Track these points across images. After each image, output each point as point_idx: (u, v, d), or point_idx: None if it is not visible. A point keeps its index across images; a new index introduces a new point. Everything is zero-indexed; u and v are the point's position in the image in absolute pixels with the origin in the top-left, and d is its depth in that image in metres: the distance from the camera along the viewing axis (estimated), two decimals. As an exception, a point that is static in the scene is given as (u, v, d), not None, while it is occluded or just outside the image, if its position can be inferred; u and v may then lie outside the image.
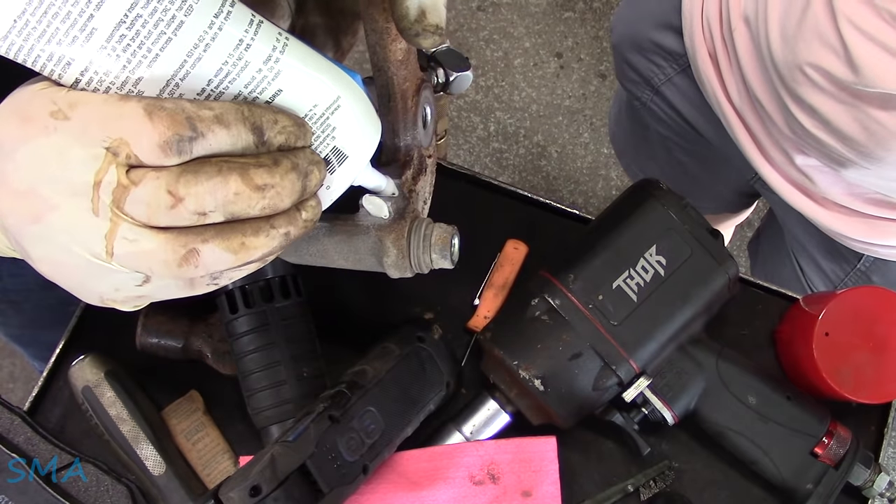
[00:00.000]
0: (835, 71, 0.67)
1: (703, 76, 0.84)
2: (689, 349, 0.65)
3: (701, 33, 0.83)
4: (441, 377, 0.65)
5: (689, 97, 0.91)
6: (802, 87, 0.71)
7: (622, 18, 0.99)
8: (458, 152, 1.89)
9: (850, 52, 0.65)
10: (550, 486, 0.65)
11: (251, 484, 0.52)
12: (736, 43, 0.78)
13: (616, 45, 0.99)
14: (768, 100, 0.77)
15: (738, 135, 0.83)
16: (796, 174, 0.80)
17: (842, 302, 0.67)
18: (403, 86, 0.44)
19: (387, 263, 0.48)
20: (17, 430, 0.62)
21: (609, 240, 0.64)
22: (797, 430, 0.64)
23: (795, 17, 0.70)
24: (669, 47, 0.89)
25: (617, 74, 1.03)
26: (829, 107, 0.70)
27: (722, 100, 0.83)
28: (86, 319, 0.72)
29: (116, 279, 0.35)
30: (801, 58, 0.69)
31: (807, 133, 0.74)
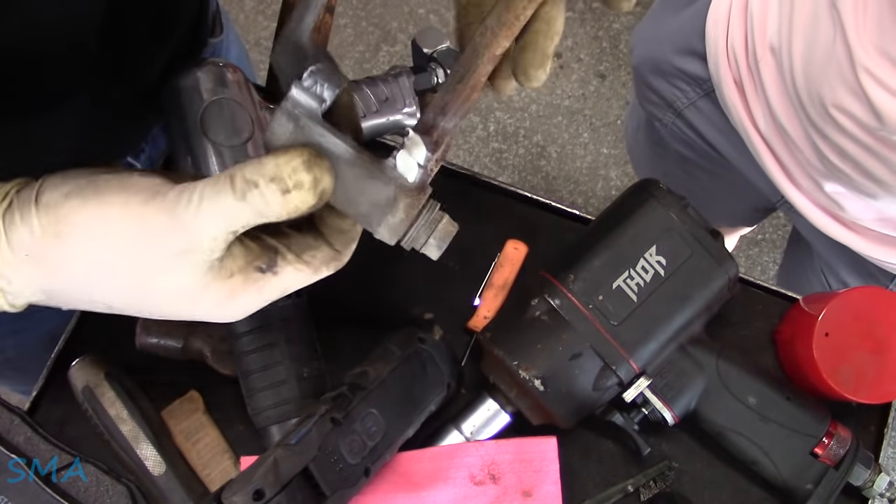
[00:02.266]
0: (859, 115, 0.66)
1: (729, 103, 0.83)
2: (689, 349, 0.65)
3: (726, 61, 0.82)
4: (442, 378, 0.65)
5: (713, 121, 0.89)
6: (829, 127, 0.70)
7: (642, 39, 0.97)
8: (457, 152, 1.89)
9: (872, 102, 0.64)
10: (551, 486, 0.65)
11: (254, 488, 0.52)
12: (762, 73, 0.77)
13: (636, 67, 0.97)
14: (795, 131, 0.76)
15: (764, 161, 0.82)
16: (825, 200, 0.79)
17: (842, 302, 0.67)
18: (481, 78, 0.44)
19: (388, 221, 0.47)
20: (17, 430, 0.62)
21: (609, 240, 0.64)
22: (797, 431, 0.64)
23: (819, 57, 0.68)
24: (693, 72, 0.88)
25: (636, 95, 1.01)
26: (855, 147, 0.69)
27: (748, 126, 0.82)
28: (86, 319, 0.71)
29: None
30: (826, 98, 0.68)
31: (835, 167, 0.73)
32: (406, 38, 1.95)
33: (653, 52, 0.93)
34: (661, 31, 0.94)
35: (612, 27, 1.99)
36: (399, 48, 1.96)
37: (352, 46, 1.95)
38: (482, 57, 0.43)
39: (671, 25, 0.92)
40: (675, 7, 0.92)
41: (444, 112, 0.46)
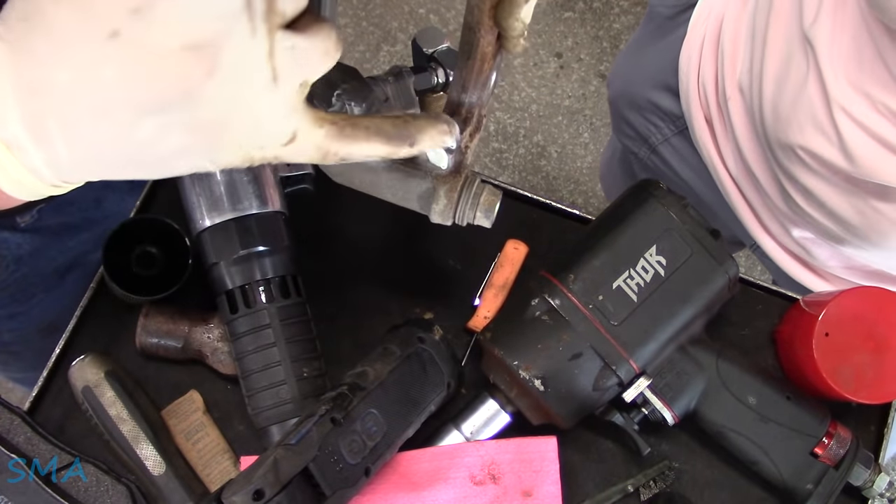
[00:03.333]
0: (829, 157, 0.66)
1: (700, 141, 0.82)
2: (690, 349, 0.65)
3: (697, 98, 0.81)
4: (442, 378, 0.65)
5: (687, 159, 0.89)
6: (796, 168, 0.69)
7: (619, 74, 0.97)
8: (457, 152, 1.89)
9: (845, 142, 0.64)
10: (551, 486, 0.65)
11: (254, 488, 0.52)
12: (731, 111, 0.76)
13: (612, 101, 0.97)
14: (763, 172, 0.75)
15: (734, 203, 0.82)
16: (794, 246, 0.79)
17: (842, 302, 0.67)
18: (486, 49, 0.46)
19: (434, 209, 0.52)
20: (17, 430, 0.62)
21: (609, 240, 0.64)
22: (797, 430, 0.64)
23: (789, 97, 0.68)
24: (667, 108, 0.87)
25: (613, 128, 1.01)
26: (823, 190, 0.69)
27: (718, 166, 0.81)
28: (86, 319, 0.72)
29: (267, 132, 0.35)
30: (793, 139, 0.68)
31: (802, 211, 0.72)
32: (406, 38, 1.96)
33: (629, 85, 0.93)
34: (637, 65, 0.94)
35: (613, 27, 1.99)
36: (399, 48, 1.96)
37: (352, 46, 1.95)
38: (479, 30, 0.45)
39: (646, 60, 0.91)
40: (651, 40, 0.92)
41: (464, 89, 0.49)
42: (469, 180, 0.52)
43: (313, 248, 0.74)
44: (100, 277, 0.72)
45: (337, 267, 0.74)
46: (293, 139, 0.36)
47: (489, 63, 0.47)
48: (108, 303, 0.72)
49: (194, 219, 0.65)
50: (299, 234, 0.68)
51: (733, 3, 0.77)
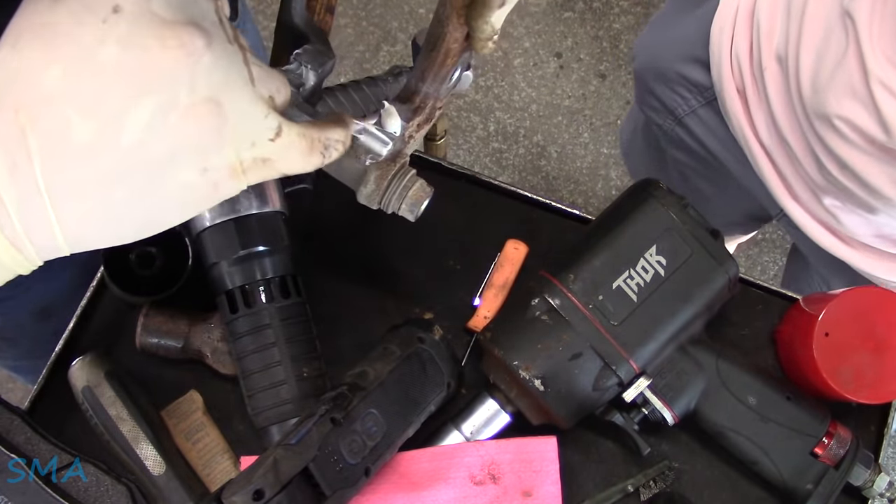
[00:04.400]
0: (865, 127, 0.66)
1: (731, 112, 0.83)
2: (690, 349, 0.65)
3: (729, 69, 0.82)
4: (442, 378, 0.65)
5: (714, 130, 0.89)
6: (831, 137, 0.70)
7: (645, 45, 0.97)
8: (457, 152, 1.89)
9: (882, 114, 0.65)
10: (551, 486, 0.65)
11: (254, 488, 0.52)
12: (766, 82, 0.77)
13: (638, 73, 0.97)
14: (797, 142, 0.76)
15: (764, 172, 0.82)
16: (823, 214, 0.79)
17: (842, 302, 0.67)
18: (451, 45, 0.46)
19: (362, 192, 0.52)
20: (17, 430, 0.62)
21: (609, 240, 0.64)
22: (797, 430, 0.64)
23: (828, 68, 0.69)
24: (695, 80, 0.88)
25: (637, 100, 1.01)
26: (858, 159, 0.69)
27: (749, 136, 0.82)
28: (86, 319, 0.72)
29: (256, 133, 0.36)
30: (831, 109, 0.69)
31: (835, 180, 0.73)
32: (406, 38, 1.95)
33: (656, 58, 0.93)
34: (664, 38, 0.94)
35: (613, 27, 1.99)
36: (399, 48, 1.96)
37: (352, 46, 1.95)
38: (447, 25, 0.45)
39: (675, 32, 0.92)
40: (679, 13, 0.92)
41: (423, 78, 0.49)
42: (402, 171, 0.52)
43: (313, 248, 0.74)
44: (100, 277, 0.72)
45: (337, 267, 0.74)
46: (279, 132, 0.36)
47: (452, 59, 0.47)
48: (108, 303, 0.72)
49: (194, 218, 0.65)
50: (299, 234, 0.68)
51: None
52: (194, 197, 0.36)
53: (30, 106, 0.31)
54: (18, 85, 0.32)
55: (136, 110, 0.32)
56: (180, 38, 0.32)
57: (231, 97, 0.34)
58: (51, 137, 0.32)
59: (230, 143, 0.35)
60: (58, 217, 0.33)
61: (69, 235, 0.34)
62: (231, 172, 0.36)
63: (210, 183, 0.35)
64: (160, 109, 0.33)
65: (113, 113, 0.32)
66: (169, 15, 0.32)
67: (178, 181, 0.35)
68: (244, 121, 0.35)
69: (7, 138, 0.32)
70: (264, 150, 0.36)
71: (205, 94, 0.33)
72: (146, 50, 0.32)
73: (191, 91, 0.33)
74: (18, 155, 0.32)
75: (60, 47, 0.31)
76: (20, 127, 0.31)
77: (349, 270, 0.75)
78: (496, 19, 0.43)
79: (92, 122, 0.32)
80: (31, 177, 0.32)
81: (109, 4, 0.31)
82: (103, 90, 0.32)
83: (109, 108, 0.32)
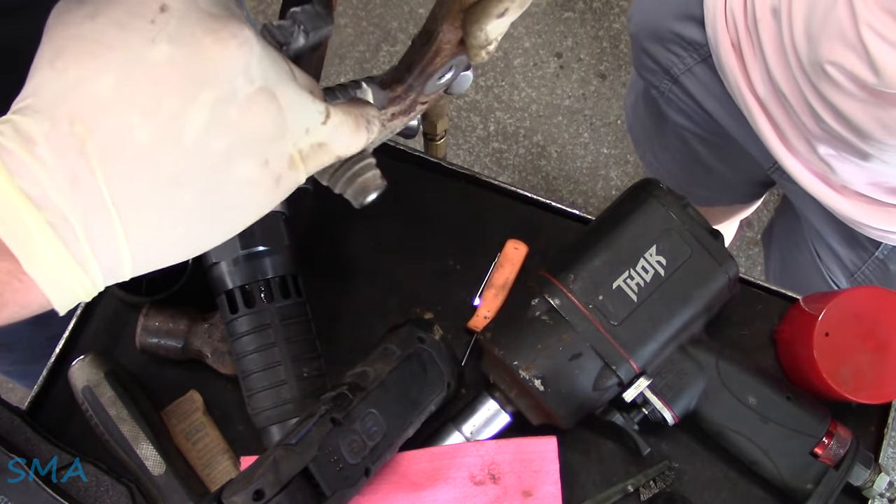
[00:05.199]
0: (857, 71, 0.67)
1: (726, 66, 0.84)
2: (690, 349, 0.65)
3: (724, 24, 0.82)
4: (442, 378, 0.65)
5: (709, 87, 0.90)
6: (824, 85, 0.71)
7: (641, 8, 0.98)
8: (457, 152, 1.89)
9: (871, 56, 0.65)
10: (551, 486, 0.65)
11: (254, 488, 0.52)
12: (761, 35, 0.78)
13: (634, 35, 0.98)
14: (792, 92, 0.77)
15: (759, 124, 0.83)
16: (817, 163, 0.80)
17: (842, 302, 0.67)
18: (444, 45, 0.45)
19: None
20: (17, 430, 0.62)
21: (609, 240, 0.64)
22: (797, 430, 0.64)
23: (819, 15, 0.70)
24: (690, 37, 0.89)
25: (634, 64, 1.02)
26: (850, 105, 0.70)
27: (745, 90, 0.83)
28: (86, 319, 0.72)
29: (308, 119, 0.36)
30: (823, 56, 0.69)
31: (830, 128, 0.74)
32: (406, 38, 1.95)
33: (651, 19, 0.94)
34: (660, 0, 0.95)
35: (613, 27, 1.99)
36: (399, 48, 1.96)
37: (352, 46, 1.95)
38: (442, 24, 0.44)
39: None
40: None
41: (409, 69, 0.47)
42: (359, 156, 0.49)
43: (313, 248, 0.74)
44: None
45: (337, 267, 0.74)
46: (328, 114, 0.37)
47: (442, 59, 0.46)
48: (108, 303, 0.72)
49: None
50: (299, 234, 0.68)
51: None
52: (257, 194, 0.35)
53: (85, 116, 0.30)
54: (71, 98, 0.30)
55: (196, 106, 0.31)
56: (231, 30, 0.32)
57: (282, 87, 0.34)
58: (111, 145, 0.30)
59: (288, 131, 0.35)
60: (125, 231, 0.31)
61: (136, 249, 0.32)
62: (290, 162, 0.35)
63: (272, 176, 0.35)
64: (220, 103, 0.32)
65: (173, 112, 0.31)
66: (215, 9, 0.32)
67: (241, 177, 0.34)
68: (296, 108, 0.35)
69: (65, 151, 0.30)
70: (319, 134, 0.36)
71: (260, 84, 0.33)
72: (199, 44, 0.31)
73: (247, 82, 0.33)
74: (79, 167, 0.30)
75: (109, 55, 0.31)
76: (78, 138, 0.30)
77: (349, 270, 0.75)
78: (492, 29, 0.41)
79: (152, 124, 0.31)
80: (95, 188, 0.30)
81: (156, 4, 0.31)
82: (160, 90, 0.31)
83: (168, 107, 0.31)
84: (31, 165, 0.29)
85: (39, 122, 0.30)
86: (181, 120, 0.31)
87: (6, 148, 0.29)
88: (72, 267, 0.31)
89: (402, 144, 0.79)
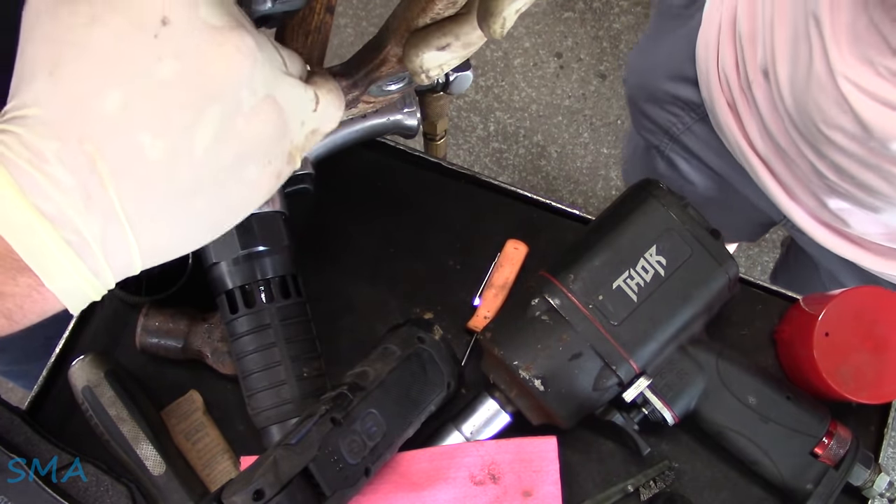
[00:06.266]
0: (847, 127, 0.66)
1: (724, 126, 0.83)
2: (690, 349, 0.65)
3: (718, 84, 0.82)
4: (442, 378, 0.65)
5: (710, 144, 0.89)
6: (822, 144, 0.70)
7: (634, 70, 0.97)
8: (457, 152, 1.89)
9: (854, 110, 0.64)
10: (551, 486, 0.65)
11: (254, 488, 0.52)
12: (755, 94, 0.77)
13: (630, 97, 0.97)
14: (792, 150, 0.75)
15: (764, 181, 0.82)
16: (829, 216, 0.79)
17: (842, 302, 0.67)
18: (390, 57, 0.45)
19: None
20: (17, 430, 0.62)
21: (609, 240, 0.64)
22: (797, 430, 0.64)
23: (801, 73, 0.68)
24: (686, 98, 0.88)
25: (633, 124, 1.01)
26: (850, 163, 0.69)
27: (745, 148, 0.82)
28: (86, 319, 0.71)
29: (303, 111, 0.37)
30: (813, 114, 0.68)
31: (834, 183, 0.73)
32: (406, 38, 1.95)
33: (645, 80, 0.93)
34: (651, 59, 0.94)
35: (613, 27, 1.99)
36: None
37: (352, 46, 1.95)
38: (390, 39, 0.44)
39: (661, 52, 0.92)
40: (663, 33, 0.92)
41: (357, 67, 0.47)
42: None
43: (313, 248, 0.74)
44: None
45: (337, 267, 0.74)
46: (317, 100, 0.37)
47: (388, 68, 0.45)
48: (109, 303, 0.72)
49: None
50: (299, 234, 0.68)
51: None
52: (259, 191, 0.36)
53: (94, 135, 0.30)
54: (76, 116, 0.30)
55: (204, 121, 0.32)
56: (234, 43, 0.32)
57: (280, 89, 0.35)
58: (122, 163, 0.31)
59: (288, 131, 0.36)
60: (137, 239, 0.32)
61: (146, 253, 0.33)
62: (289, 158, 0.36)
63: (274, 174, 0.36)
64: (227, 116, 0.32)
65: (182, 127, 0.31)
66: (217, 20, 0.32)
67: (246, 180, 0.35)
68: (293, 105, 0.36)
69: (77, 169, 0.30)
70: (312, 123, 0.37)
71: (263, 93, 0.34)
72: (205, 59, 0.31)
73: (251, 93, 0.33)
74: (91, 184, 0.30)
75: (114, 71, 0.30)
76: (88, 157, 0.30)
77: (349, 270, 0.75)
78: (429, 58, 0.41)
79: (162, 140, 0.31)
80: (109, 205, 0.31)
81: (157, 17, 0.30)
82: (169, 107, 0.31)
83: (177, 123, 0.31)
84: (44, 184, 0.30)
85: (48, 140, 0.30)
86: (190, 135, 0.32)
87: (17, 165, 0.30)
88: (88, 277, 0.32)
89: (402, 144, 0.79)
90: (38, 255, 0.30)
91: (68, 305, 0.33)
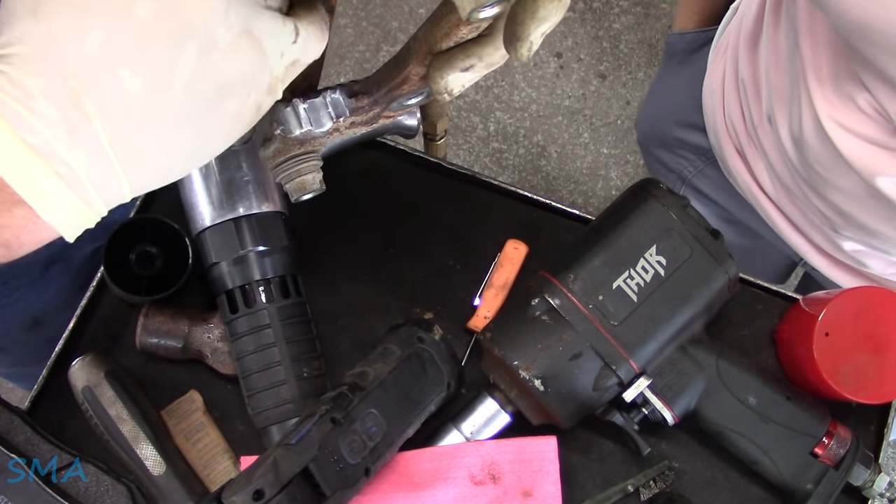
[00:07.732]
0: (841, 169, 0.66)
1: (734, 171, 0.83)
2: (690, 349, 0.65)
3: (726, 131, 0.82)
4: (442, 378, 0.65)
5: (723, 186, 0.89)
6: (823, 188, 0.70)
7: (644, 116, 0.98)
8: (457, 152, 1.89)
9: (841, 153, 0.64)
10: (551, 486, 0.65)
11: (254, 488, 0.52)
12: (762, 140, 0.77)
13: (642, 143, 0.98)
14: (799, 194, 0.75)
15: (778, 224, 0.82)
16: (846, 258, 0.78)
17: (842, 302, 0.67)
18: (412, 76, 0.46)
19: (261, 151, 0.51)
20: (17, 430, 0.62)
21: (609, 240, 0.64)
22: (797, 430, 0.64)
23: (796, 119, 0.69)
24: (695, 143, 0.88)
25: (648, 168, 1.02)
26: (852, 206, 0.69)
27: (756, 192, 0.82)
28: (86, 319, 0.71)
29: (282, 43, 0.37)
30: (810, 159, 0.68)
31: (841, 226, 0.73)
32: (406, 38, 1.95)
33: (654, 127, 0.94)
34: (660, 106, 0.95)
35: (613, 27, 1.99)
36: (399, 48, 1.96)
37: (352, 46, 1.95)
38: (411, 59, 0.45)
39: (669, 99, 0.93)
40: (669, 76, 0.93)
41: (378, 86, 0.48)
42: (306, 155, 0.50)
43: (313, 249, 0.74)
44: (100, 277, 0.72)
45: (337, 267, 0.74)
46: (297, 32, 0.38)
47: (410, 86, 0.46)
48: (108, 303, 0.72)
49: (194, 219, 0.65)
50: (299, 234, 0.68)
51: (744, 37, 0.77)
52: (240, 122, 0.37)
53: (78, 72, 0.32)
54: (60, 53, 0.32)
55: (182, 58, 0.33)
56: None
57: (258, 23, 0.35)
58: (105, 98, 0.32)
59: (267, 64, 0.36)
60: (125, 170, 0.34)
61: (134, 183, 0.35)
62: (269, 89, 0.37)
63: (255, 106, 0.37)
64: (203, 51, 0.33)
65: (160, 64, 0.33)
66: None
67: (227, 113, 0.36)
68: (272, 38, 0.36)
69: (62, 104, 0.32)
70: (292, 54, 0.38)
71: (239, 28, 0.34)
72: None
73: (227, 29, 0.34)
74: (77, 118, 0.32)
75: (95, 9, 0.32)
76: (73, 92, 0.32)
77: (349, 270, 0.75)
78: (454, 79, 0.42)
79: (142, 77, 0.32)
80: (95, 138, 0.33)
81: None
82: (147, 44, 0.32)
83: (156, 59, 0.33)
84: (31, 119, 0.32)
85: (34, 77, 0.32)
86: (170, 71, 0.33)
87: (5, 102, 0.31)
88: (80, 207, 0.34)
89: (402, 144, 0.79)
90: (32, 187, 0.32)
91: (64, 234, 0.35)
